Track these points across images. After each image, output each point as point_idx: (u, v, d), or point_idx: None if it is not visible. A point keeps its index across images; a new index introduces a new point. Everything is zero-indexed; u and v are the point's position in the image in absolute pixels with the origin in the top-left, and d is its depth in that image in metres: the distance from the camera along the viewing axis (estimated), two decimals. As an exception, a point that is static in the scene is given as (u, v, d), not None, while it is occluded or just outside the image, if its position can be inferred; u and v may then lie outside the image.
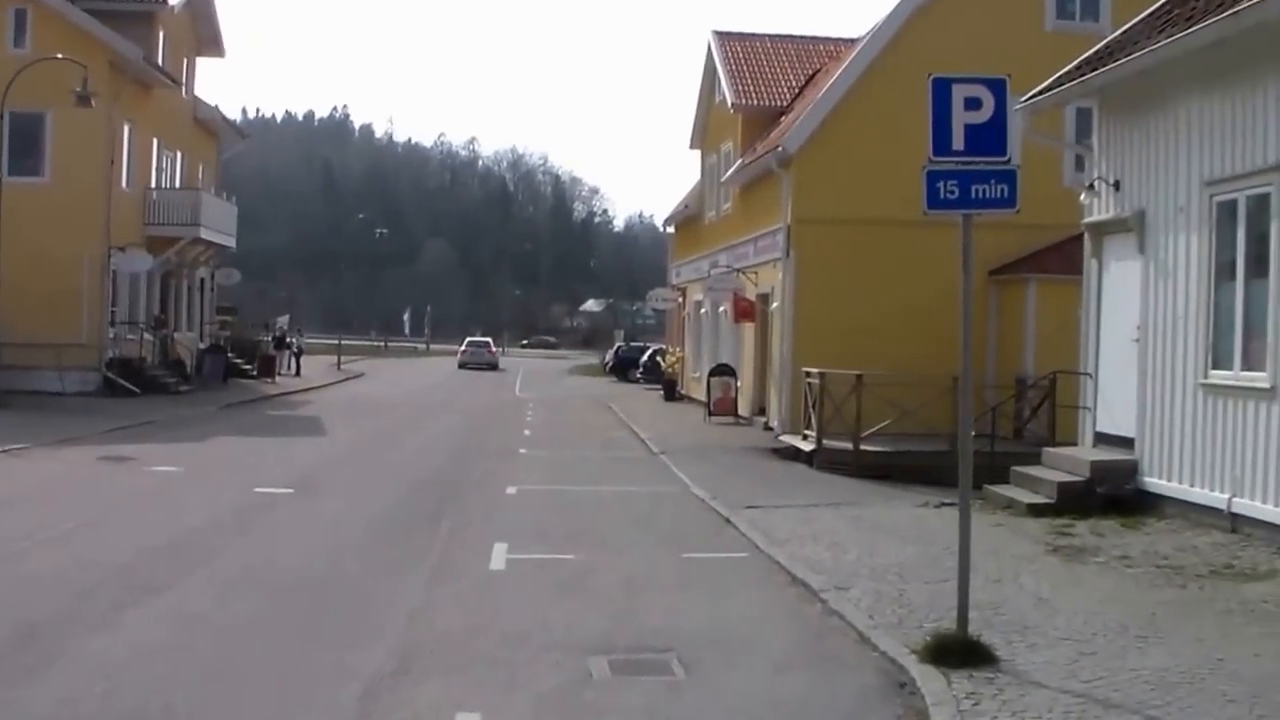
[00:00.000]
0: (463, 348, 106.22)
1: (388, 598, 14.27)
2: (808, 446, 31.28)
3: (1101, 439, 22.33)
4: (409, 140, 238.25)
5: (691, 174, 54.87)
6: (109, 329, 47.28)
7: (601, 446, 35.10)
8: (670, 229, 63.45)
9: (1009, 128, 11.79)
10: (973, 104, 11.54)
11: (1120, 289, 21.92)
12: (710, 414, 42.29)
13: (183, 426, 36.50)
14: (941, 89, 11.60)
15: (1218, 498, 18.14)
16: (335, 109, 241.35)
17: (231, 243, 59.63)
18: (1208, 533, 17.82)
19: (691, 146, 53.81)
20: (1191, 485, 18.96)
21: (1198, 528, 18.19)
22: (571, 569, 16.35)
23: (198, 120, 58.56)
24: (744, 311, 40.77)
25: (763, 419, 38.99)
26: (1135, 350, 20.98)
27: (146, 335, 50.18)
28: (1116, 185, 21.92)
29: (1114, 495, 20.26)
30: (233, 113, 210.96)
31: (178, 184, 55.26)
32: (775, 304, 37.50)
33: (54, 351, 43.56)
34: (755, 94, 44.21)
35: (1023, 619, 12.87)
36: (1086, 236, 23.28)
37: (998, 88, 11.59)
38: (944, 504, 21.88)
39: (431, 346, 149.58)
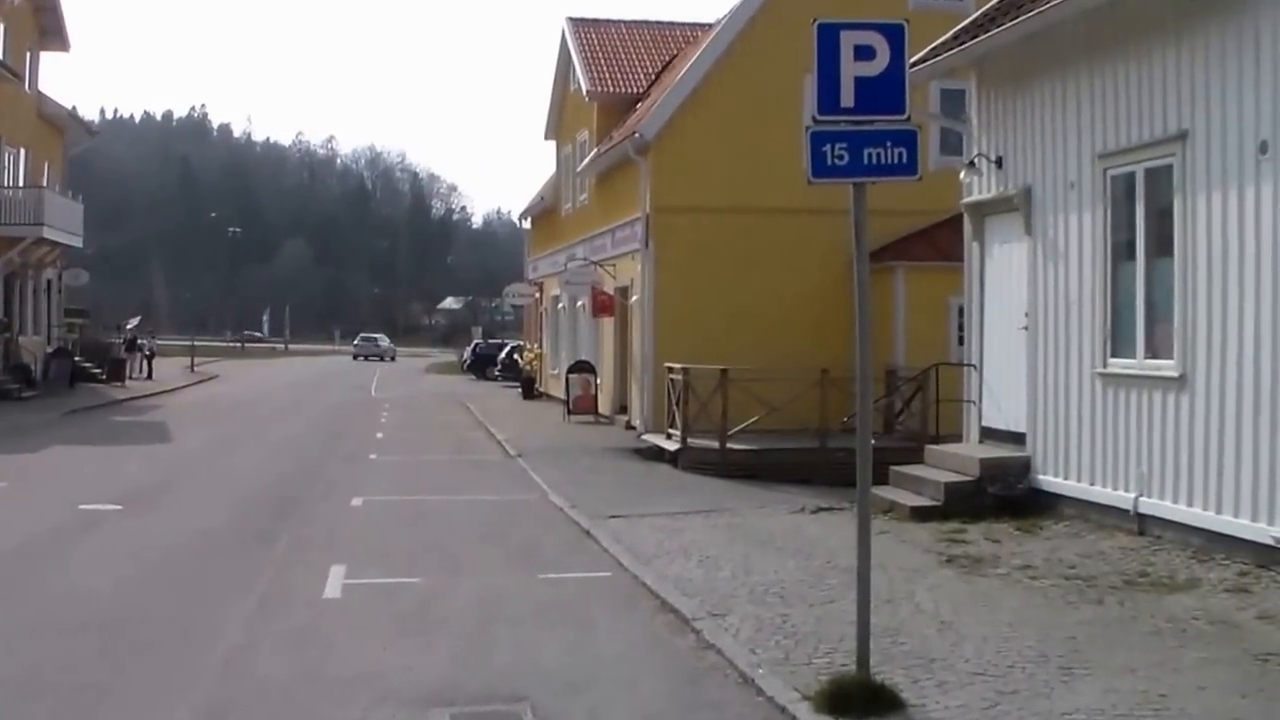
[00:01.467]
0: (356, 342, 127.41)
1: (204, 638, 12.43)
2: (672, 446, 29.90)
3: (989, 434, 20.84)
4: (267, 139, 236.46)
5: (549, 167, 53.07)
6: (-59, 333, 44.64)
7: (455, 450, 33.36)
8: (527, 223, 61.68)
9: (905, 84, 10.08)
10: (865, 53, 9.82)
11: (1005, 273, 20.44)
12: (570, 413, 40.64)
13: (18, 436, 34.39)
14: (828, 36, 9.87)
15: (1123, 497, 16.65)
16: (193, 108, 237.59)
17: (78, 242, 57.14)
18: (1113, 535, 16.34)
19: (546, 137, 52.04)
20: (1092, 483, 17.47)
21: (1101, 530, 16.71)
22: (415, 595, 14.62)
23: (42, 116, 55.86)
24: (603, 306, 39.22)
25: (625, 417, 37.46)
26: (1024, 339, 19.50)
27: (-14, 339, 47.67)
28: (999, 162, 20.42)
29: (1006, 495, 18.70)
30: (90, 112, 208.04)
31: (21, 182, 52.65)
32: (635, 297, 35.93)
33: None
34: (611, 81, 42.55)
35: (926, 649, 11.26)
36: (967, 218, 21.75)
37: (894, 34, 9.88)
38: (820, 509, 20.39)
39: (290, 346, 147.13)
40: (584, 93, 42.81)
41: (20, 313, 53.54)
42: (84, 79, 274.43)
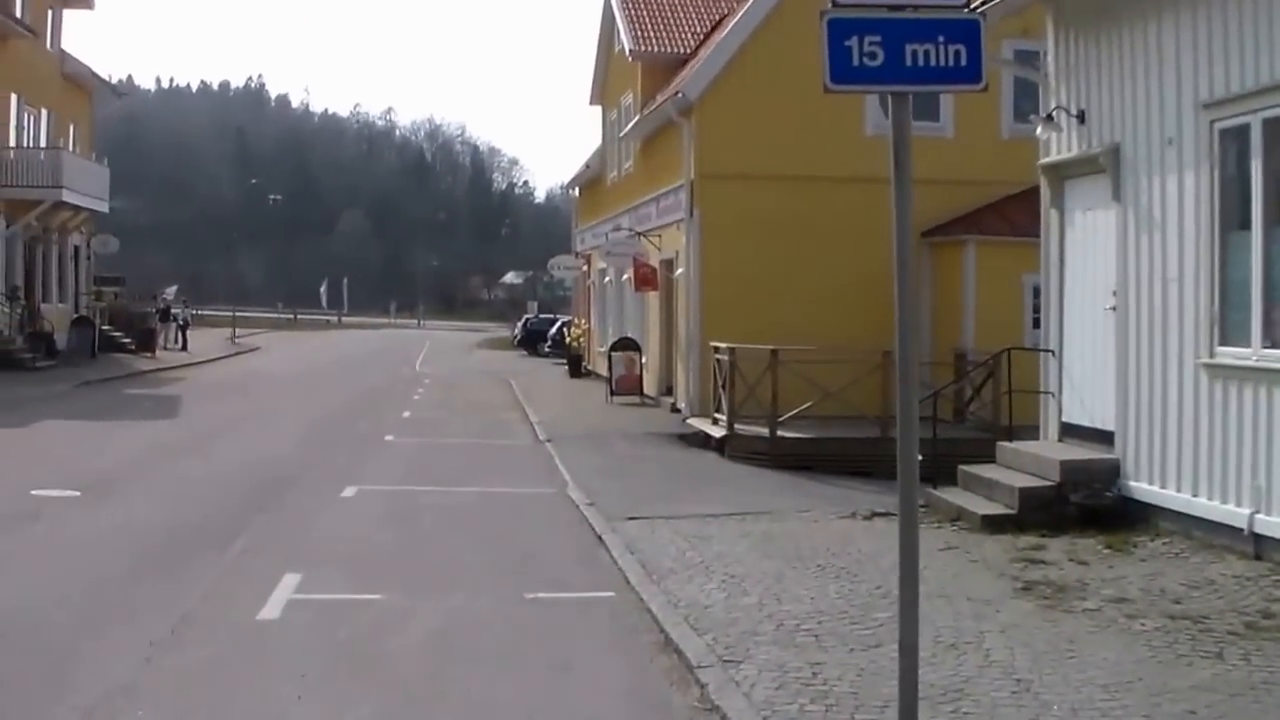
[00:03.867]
0: None
1: (80, 676, 9.88)
2: (718, 432, 27.49)
3: (1070, 431, 17.92)
4: (325, 110, 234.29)
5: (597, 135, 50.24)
6: (-45, 300, 42.48)
7: (483, 432, 30.84)
8: (574, 192, 58.97)
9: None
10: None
11: (1089, 245, 17.56)
12: (612, 393, 38.03)
13: (14, 408, 32.16)
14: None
15: (1234, 513, 13.74)
16: (250, 79, 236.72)
17: (104, 207, 55.04)
18: (1222, 558, 13.47)
19: (591, 102, 49.30)
20: (1195, 495, 14.57)
21: (1208, 551, 13.81)
22: (369, 618, 12.03)
23: (66, 76, 53.72)
24: (645, 279, 36.54)
25: (670, 400, 34.76)
26: (1111, 321, 16.66)
27: (2, 306, 45.32)
28: (1080, 116, 17.55)
29: (1091, 505, 15.80)
30: (145, 81, 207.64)
31: (44, 144, 50.46)
32: (680, 270, 33.26)
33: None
34: (656, 40, 39.60)
35: (997, 723, 8.54)
36: (1044, 181, 18.85)
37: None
38: (875, 514, 17.58)
39: (344, 319, 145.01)
40: (627, 53, 39.96)
41: (44, 280, 51.43)
42: (139, 47, 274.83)
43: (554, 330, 69.87)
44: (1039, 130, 18.68)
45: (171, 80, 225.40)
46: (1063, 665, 9.85)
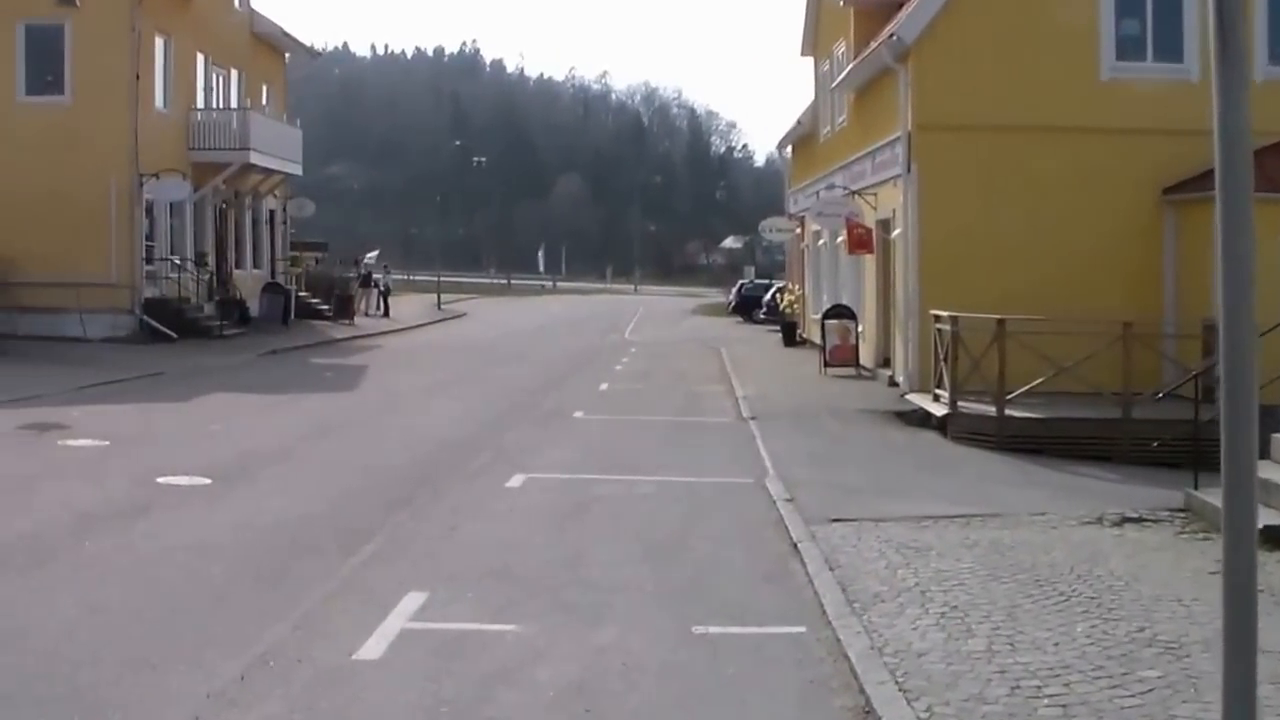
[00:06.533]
0: None
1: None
2: (939, 410, 24.83)
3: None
4: (540, 75, 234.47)
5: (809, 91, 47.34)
6: (144, 266, 41.24)
7: (682, 408, 28.36)
8: (787, 151, 56.10)
9: None
10: None
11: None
12: (826, 365, 35.35)
13: (188, 379, 30.83)
14: None
15: None
16: (465, 44, 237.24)
17: (297, 170, 53.61)
18: None
19: (803, 54, 46.49)
20: None
21: None
22: (493, 660, 9.58)
23: (257, 36, 52.33)
24: (859, 241, 33.67)
25: (888, 372, 31.94)
26: None
27: (190, 273, 43.92)
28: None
29: None
30: (361, 48, 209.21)
31: (234, 105, 49.05)
32: (897, 231, 30.38)
33: (75, 292, 37.87)
34: (869, -19, 36.62)
35: None
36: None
37: None
38: (1125, 519, 14.66)
39: (559, 284, 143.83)
40: (839, -2, 37.10)
41: (238, 245, 50.14)
42: (355, 14, 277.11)
43: (768, 296, 67.32)
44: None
45: (387, 47, 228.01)
46: None
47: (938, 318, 25.59)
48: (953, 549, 13.09)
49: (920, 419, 25.48)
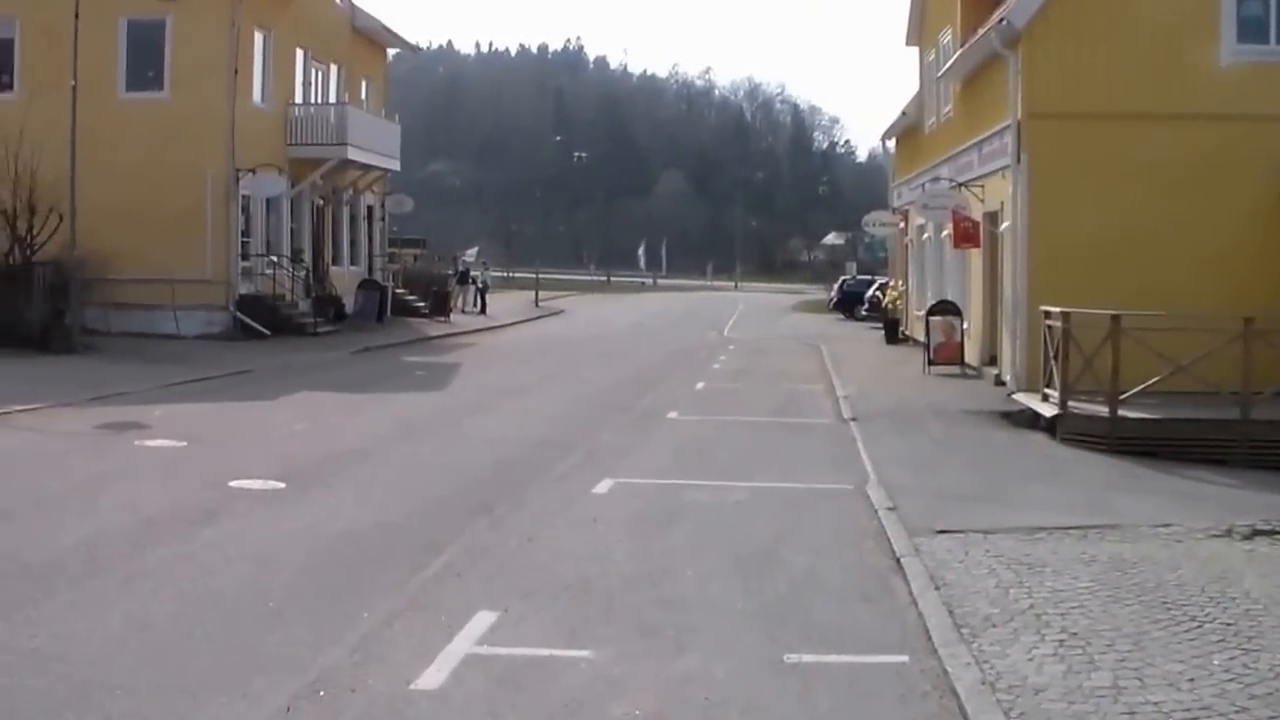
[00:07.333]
0: None
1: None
2: (1048, 411, 23.70)
3: None
4: (644, 71, 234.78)
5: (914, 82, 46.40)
6: (239, 262, 40.96)
7: (780, 408, 27.41)
8: (890, 143, 55.01)
9: None
10: None
11: None
12: (930, 363, 34.41)
13: (277, 378, 30.29)
14: None
15: None
16: (569, 41, 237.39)
17: (395, 165, 53.30)
18: None
19: (907, 43, 45.57)
20: None
21: None
22: (562, 692, 8.74)
23: (357, 31, 52.00)
24: (966, 235, 32.63)
25: (994, 371, 30.94)
26: None
27: (284, 269, 43.51)
28: None
29: None
30: (465, 46, 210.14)
31: (333, 100, 48.73)
32: (1005, 224, 29.32)
33: (170, 289, 37.77)
34: (977, -35, 35.57)
35: None
36: None
37: None
38: (1257, 531, 13.59)
39: (659, 281, 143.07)
40: (945, -18, 36.15)
41: (334, 241, 49.83)
42: (461, 12, 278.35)
43: (870, 293, 66.36)
44: None
45: (491, 45, 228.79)
46: None
47: (1048, 314, 24.56)
48: (1069, 565, 12.09)
49: (1028, 420, 24.46)
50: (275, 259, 43.33)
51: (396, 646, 9.66)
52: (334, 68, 49.58)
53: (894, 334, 47.81)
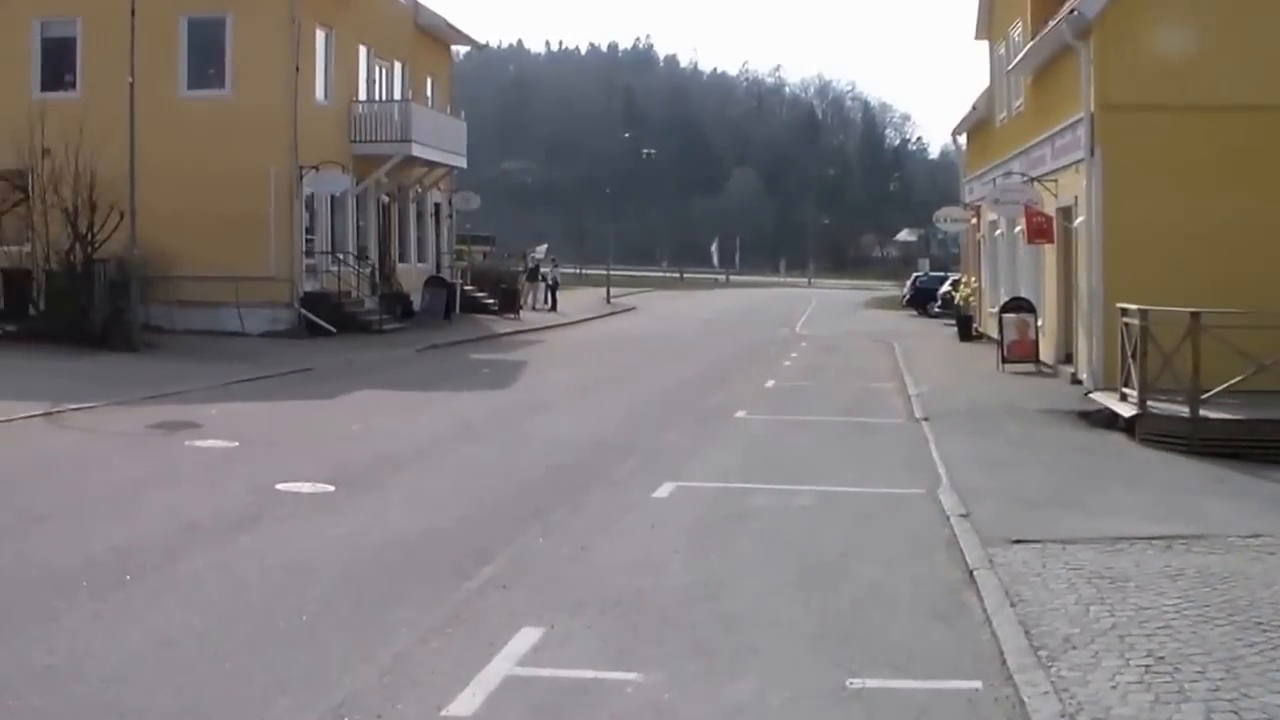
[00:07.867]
0: None
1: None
2: (1127, 411, 22.91)
3: None
4: (714, 69, 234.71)
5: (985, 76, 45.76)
6: (303, 260, 40.68)
7: (850, 407, 26.80)
8: (961, 138, 54.24)
9: None
10: None
11: None
12: (1004, 360, 33.67)
13: (338, 376, 29.83)
14: None
15: None
16: (638, 40, 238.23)
17: (461, 163, 53.14)
18: None
19: (977, 37, 45.04)
20: None
21: None
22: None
23: (420, 28, 51.76)
24: (1039, 230, 31.90)
25: (1070, 369, 30.20)
26: None
27: (349, 266, 43.18)
28: None
29: None
30: (535, 45, 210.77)
31: (397, 97, 48.46)
32: (1079, 219, 28.59)
33: (234, 286, 37.53)
34: (1048, -43, 34.86)
35: None
36: None
37: None
38: (1352, 539, 12.86)
39: (732, 278, 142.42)
40: (1016, -24, 35.47)
41: (401, 239, 49.57)
42: (531, 11, 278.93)
43: (943, 289, 65.60)
44: None
45: (560, 43, 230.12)
46: None
47: (1125, 311, 23.81)
48: (1154, 580, 11.33)
49: (1105, 420, 23.67)
50: (340, 256, 42.98)
51: (431, 666, 9.05)
52: (398, 65, 49.45)
53: (967, 331, 47.21)
